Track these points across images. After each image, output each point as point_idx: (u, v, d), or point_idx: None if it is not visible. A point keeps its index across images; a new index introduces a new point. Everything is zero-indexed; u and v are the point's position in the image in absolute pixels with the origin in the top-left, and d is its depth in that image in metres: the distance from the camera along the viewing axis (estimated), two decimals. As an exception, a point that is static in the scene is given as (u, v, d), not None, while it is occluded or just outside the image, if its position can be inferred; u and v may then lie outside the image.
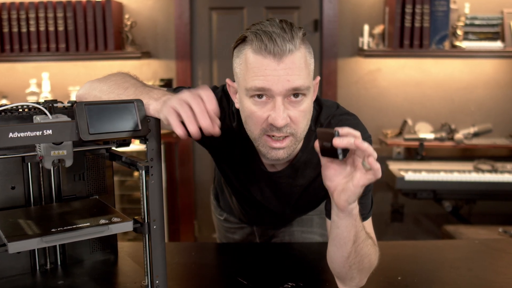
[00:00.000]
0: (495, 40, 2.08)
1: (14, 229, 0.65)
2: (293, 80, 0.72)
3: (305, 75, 0.73)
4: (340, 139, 0.63)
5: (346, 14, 2.19)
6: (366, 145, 0.62)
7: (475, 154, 2.17)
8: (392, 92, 2.24)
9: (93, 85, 0.80)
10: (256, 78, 0.72)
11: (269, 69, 0.72)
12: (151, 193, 0.67)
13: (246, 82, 0.74)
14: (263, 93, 0.73)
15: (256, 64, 0.72)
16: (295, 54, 0.72)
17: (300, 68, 0.72)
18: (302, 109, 0.74)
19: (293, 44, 0.71)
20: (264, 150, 0.76)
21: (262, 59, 0.72)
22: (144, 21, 2.22)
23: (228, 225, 1.14)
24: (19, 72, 2.23)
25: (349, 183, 0.66)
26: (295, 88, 0.72)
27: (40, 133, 0.60)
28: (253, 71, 0.73)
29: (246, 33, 0.75)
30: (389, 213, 2.28)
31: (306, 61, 0.74)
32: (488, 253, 0.98)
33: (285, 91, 0.72)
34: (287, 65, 0.71)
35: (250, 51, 0.74)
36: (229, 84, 0.82)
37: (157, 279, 0.69)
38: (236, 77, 0.79)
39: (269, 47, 0.71)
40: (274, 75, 0.71)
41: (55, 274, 0.78)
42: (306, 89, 0.73)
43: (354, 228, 0.71)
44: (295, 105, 0.74)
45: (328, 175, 0.68)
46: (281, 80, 0.71)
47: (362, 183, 0.65)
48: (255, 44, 0.72)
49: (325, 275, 0.83)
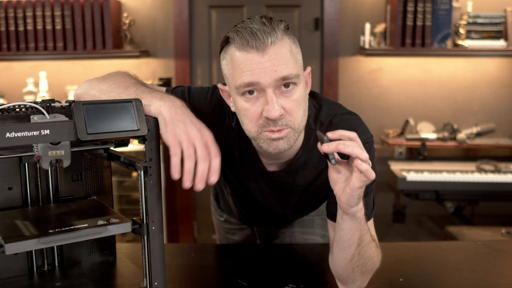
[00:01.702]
0: (498, 39, 2.07)
1: (11, 230, 0.65)
2: (280, 69, 0.71)
3: (292, 64, 0.73)
4: (326, 145, 0.63)
5: (347, 12, 2.18)
6: (351, 148, 0.62)
7: (478, 154, 2.16)
8: (394, 91, 2.23)
9: (91, 84, 0.79)
10: (244, 74, 0.72)
11: (254, 63, 0.71)
12: (150, 193, 0.66)
13: (235, 80, 0.74)
14: (252, 88, 0.73)
15: (242, 61, 0.72)
16: (279, 45, 0.72)
17: (286, 58, 0.72)
18: (295, 99, 0.73)
19: (275, 36, 0.71)
20: (265, 145, 0.75)
21: (246, 54, 0.72)
22: (142, 19, 2.21)
23: (228, 226, 1.14)
24: (16, 71, 2.23)
25: (346, 187, 0.66)
26: (284, 77, 0.72)
27: (38, 133, 0.59)
28: (239, 68, 0.73)
29: (228, 34, 0.75)
30: (391, 214, 2.27)
31: (291, 51, 0.74)
32: (491, 255, 0.98)
33: (274, 81, 0.72)
34: (271, 56, 0.71)
35: (234, 50, 0.74)
36: (221, 89, 0.82)
37: (156, 281, 0.69)
38: (226, 79, 0.79)
39: (251, 42, 0.71)
40: (260, 68, 0.71)
41: (52, 276, 0.77)
42: (295, 77, 0.73)
43: (358, 231, 0.71)
44: (287, 95, 0.73)
45: (332, 178, 0.69)
46: (268, 72, 0.71)
47: (357, 186, 0.65)
48: (237, 41, 0.72)
49: (326, 276, 0.83)
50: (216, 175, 0.63)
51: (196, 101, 0.85)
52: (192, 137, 0.62)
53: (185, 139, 0.62)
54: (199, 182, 0.62)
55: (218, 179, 0.63)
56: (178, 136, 0.62)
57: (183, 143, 0.62)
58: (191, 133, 0.63)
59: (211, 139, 0.64)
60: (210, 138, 0.64)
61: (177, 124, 0.63)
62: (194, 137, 0.62)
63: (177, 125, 0.63)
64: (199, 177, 0.61)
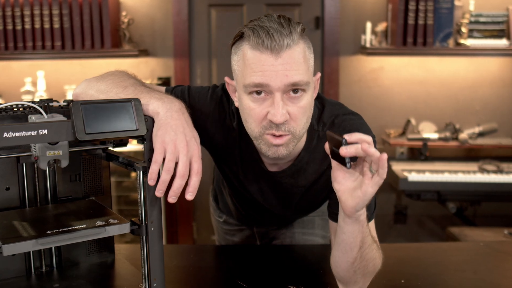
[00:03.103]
0: (501, 37, 2.06)
1: (9, 231, 0.64)
2: (291, 75, 0.71)
3: (304, 70, 0.72)
4: (346, 148, 0.61)
5: (348, 11, 2.17)
6: (373, 150, 0.60)
7: (480, 155, 2.14)
8: (395, 91, 2.22)
9: (90, 84, 0.78)
10: (254, 74, 0.71)
11: (266, 65, 0.71)
12: (149, 194, 0.66)
13: (244, 78, 0.73)
14: (261, 89, 0.72)
15: (254, 60, 0.71)
16: (293, 49, 0.71)
17: (299, 63, 0.71)
18: (302, 105, 0.73)
19: (291, 39, 0.70)
20: (265, 148, 0.75)
21: (259, 54, 0.71)
22: (141, 18, 2.20)
23: (227, 227, 1.13)
24: (13, 71, 2.22)
25: (357, 191, 0.64)
26: (294, 83, 0.71)
27: (35, 133, 0.59)
28: (250, 67, 0.72)
29: (244, 29, 0.74)
30: (392, 215, 2.26)
31: (305, 56, 0.73)
32: (493, 256, 0.97)
33: (284, 86, 0.71)
34: (285, 60, 0.70)
35: (247, 47, 0.73)
36: (227, 83, 0.81)
37: (155, 282, 0.68)
38: (234, 75, 0.78)
39: (266, 42, 0.70)
40: (272, 71, 0.70)
41: (50, 277, 0.77)
42: (306, 84, 0.72)
43: (360, 234, 0.70)
44: (294, 101, 0.73)
45: (337, 177, 0.66)
46: (279, 75, 0.70)
47: (371, 190, 0.63)
48: (252, 39, 0.71)
49: (327, 278, 0.82)
50: (193, 193, 0.63)
51: (196, 101, 0.85)
52: (178, 149, 0.62)
53: (171, 150, 0.62)
54: (171, 196, 0.62)
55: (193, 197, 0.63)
56: (165, 144, 0.62)
57: (167, 153, 0.62)
58: (178, 145, 0.62)
59: (196, 154, 0.64)
60: (196, 154, 0.64)
61: (168, 131, 0.63)
62: (180, 150, 0.62)
63: (168, 132, 0.63)
64: (173, 191, 0.62)
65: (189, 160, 0.63)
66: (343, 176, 0.66)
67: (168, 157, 0.62)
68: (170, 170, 0.62)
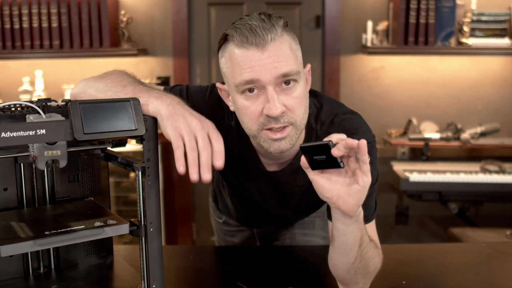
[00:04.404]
0: (503, 36, 2.05)
1: (7, 232, 0.64)
2: (280, 66, 0.70)
3: (293, 60, 0.72)
4: (336, 149, 0.61)
5: (349, 10, 2.16)
6: (355, 141, 0.61)
7: (482, 155, 2.14)
8: (397, 90, 2.21)
9: (88, 83, 0.78)
10: (243, 71, 0.71)
11: (254, 60, 0.70)
12: (148, 194, 0.65)
13: (235, 78, 0.73)
14: (253, 85, 0.72)
15: (241, 58, 0.71)
16: (278, 41, 0.71)
17: (286, 54, 0.71)
18: (296, 96, 0.73)
19: (274, 32, 0.71)
20: (266, 145, 0.74)
21: (246, 51, 0.71)
22: (140, 17, 2.19)
23: (227, 228, 1.13)
24: (11, 70, 2.21)
25: (353, 186, 0.64)
26: (284, 74, 0.71)
27: (33, 133, 0.58)
28: (239, 65, 0.72)
29: (227, 31, 0.74)
30: (394, 215, 2.25)
31: (291, 47, 0.73)
32: (495, 257, 0.97)
33: (274, 78, 0.71)
34: (271, 52, 0.70)
35: (233, 47, 0.73)
36: (220, 88, 0.81)
37: (154, 284, 0.68)
38: (225, 78, 0.78)
39: (250, 38, 0.70)
40: (260, 65, 0.70)
41: (48, 278, 0.76)
42: (296, 74, 0.72)
43: (360, 232, 0.70)
44: (288, 92, 0.72)
45: (324, 186, 0.65)
46: (268, 68, 0.70)
47: (367, 179, 0.63)
48: (236, 38, 0.71)
49: (327, 279, 0.82)
50: (221, 158, 0.61)
51: (194, 100, 0.84)
52: (193, 128, 0.62)
53: (186, 131, 0.61)
54: (205, 172, 0.60)
55: (223, 164, 0.61)
56: (179, 129, 0.62)
57: (184, 136, 0.61)
58: (191, 125, 0.62)
59: (212, 126, 0.63)
60: (212, 126, 0.63)
61: (176, 118, 0.63)
62: (195, 128, 0.62)
63: (176, 119, 0.62)
64: (203, 166, 0.60)
65: (207, 134, 0.62)
66: (329, 183, 0.65)
67: (186, 138, 0.61)
68: (194, 148, 0.61)
